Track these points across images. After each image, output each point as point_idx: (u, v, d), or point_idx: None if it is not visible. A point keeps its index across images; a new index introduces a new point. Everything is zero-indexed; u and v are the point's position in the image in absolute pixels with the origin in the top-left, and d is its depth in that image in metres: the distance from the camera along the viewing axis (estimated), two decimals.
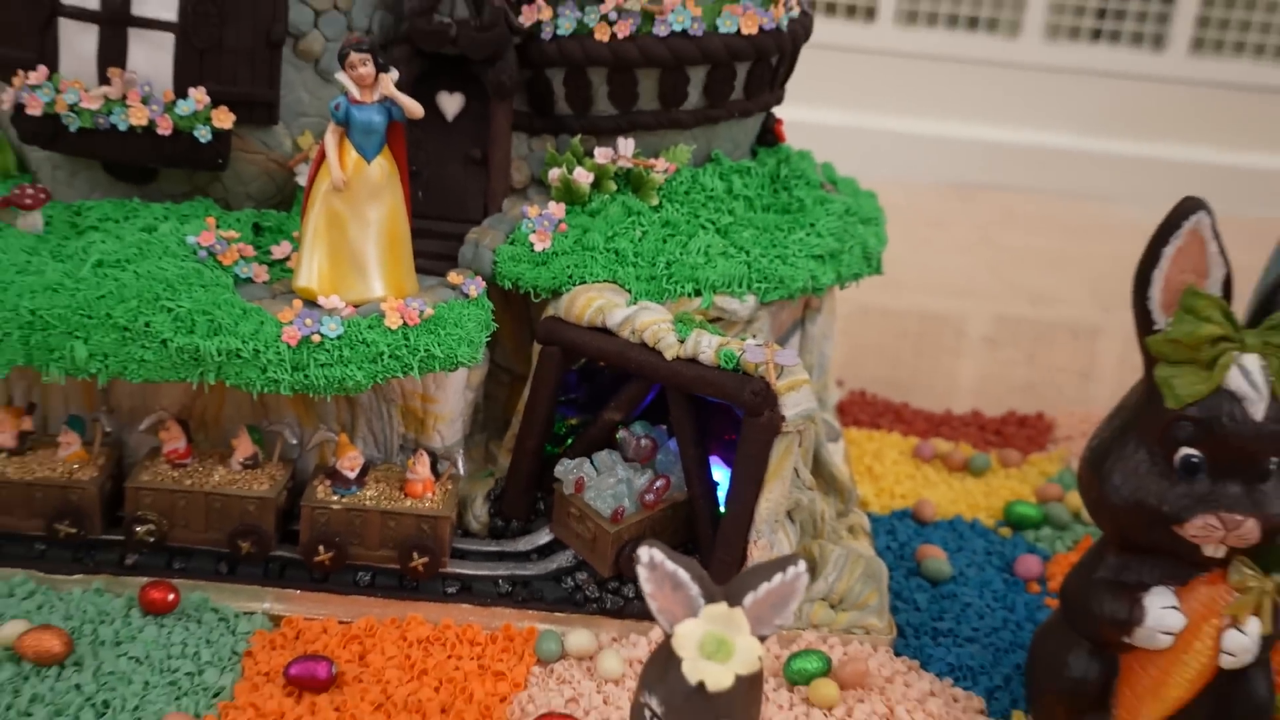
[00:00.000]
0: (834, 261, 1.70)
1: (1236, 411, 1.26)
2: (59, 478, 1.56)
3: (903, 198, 3.16)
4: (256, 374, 1.47)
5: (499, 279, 1.64)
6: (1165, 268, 1.29)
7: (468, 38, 1.61)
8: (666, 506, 1.61)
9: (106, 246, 1.57)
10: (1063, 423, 2.12)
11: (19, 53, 1.63)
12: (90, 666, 1.43)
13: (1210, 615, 1.32)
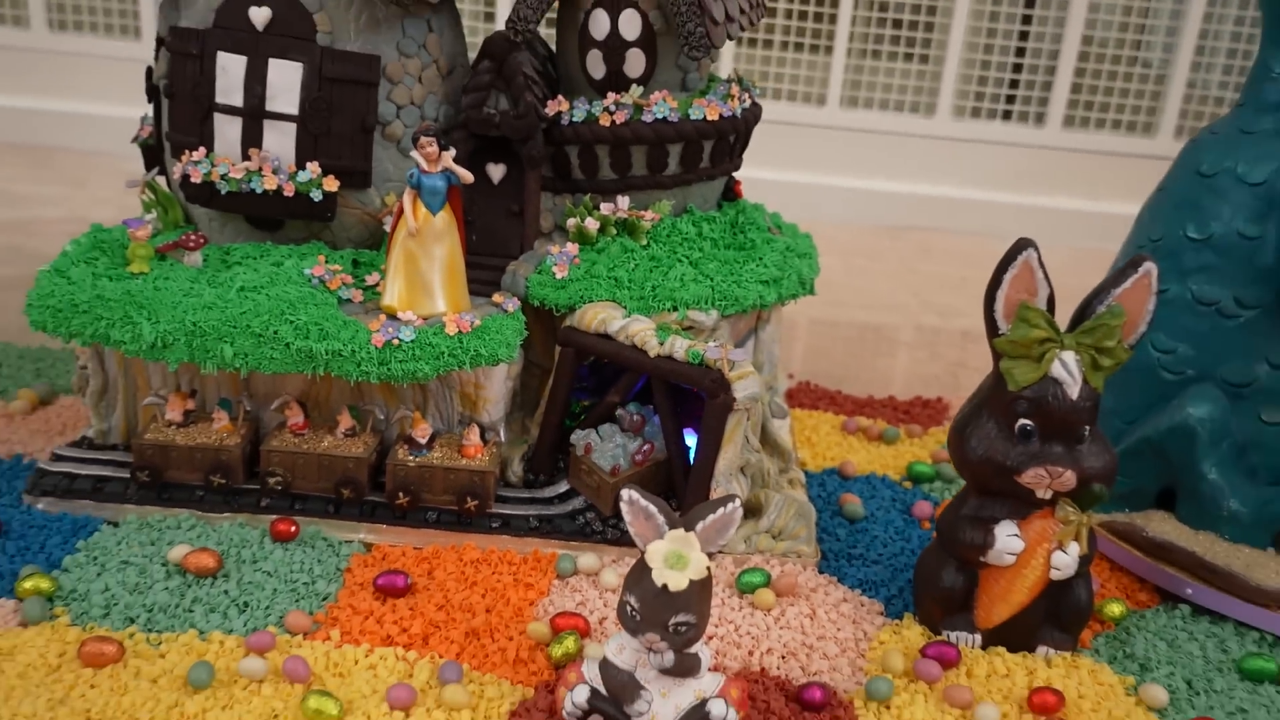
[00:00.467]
0: (776, 285, 1.72)
1: (1058, 392, 1.34)
2: (213, 443, 1.59)
3: (845, 236, 3.22)
4: (353, 368, 1.50)
5: (530, 299, 1.66)
6: (1005, 288, 1.36)
7: (508, 124, 1.63)
8: (652, 464, 1.63)
9: (247, 276, 1.59)
10: (955, 405, 2.16)
11: (186, 138, 1.66)
12: (235, 578, 1.47)
13: (1042, 541, 1.38)
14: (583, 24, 1.70)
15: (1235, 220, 1.60)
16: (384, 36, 1.62)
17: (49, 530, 1.54)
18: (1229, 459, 1.61)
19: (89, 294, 1.53)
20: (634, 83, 1.70)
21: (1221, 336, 1.62)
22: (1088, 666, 1.43)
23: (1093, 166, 3.28)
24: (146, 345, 1.51)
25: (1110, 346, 1.35)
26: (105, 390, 1.67)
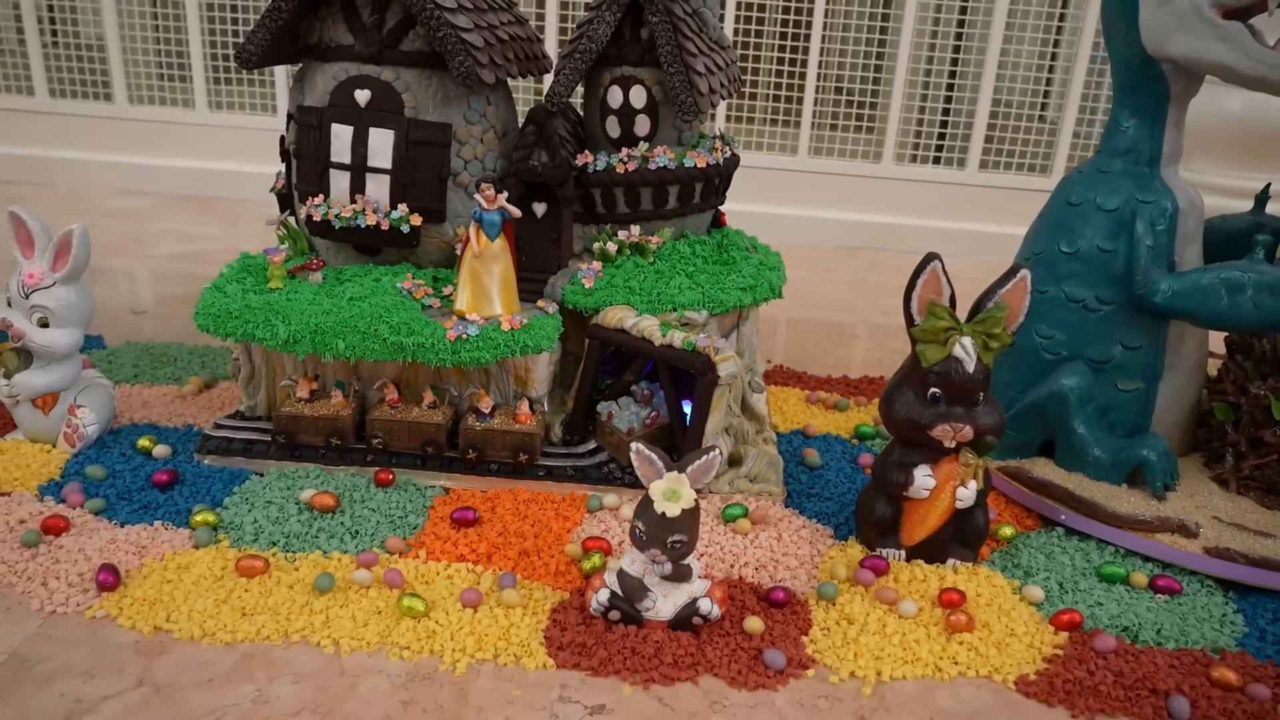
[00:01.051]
0: (752, 291, 1.72)
1: (959, 368, 1.36)
2: (331, 414, 1.59)
3: (811, 254, 3.21)
4: (433, 356, 1.51)
5: (565, 303, 1.66)
6: (918, 290, 1.38)
7: (547, 172, 1.64)
8: (658, 427, 1.63)
9: (355, 290, 1.59)
10: None
11: (310, 188, 1.66)
12: (348, 512, 1.48)
13: (949, 479, 1.40)
14: (602, 97, 1.70)
15: (1095, 238, 1.61)
16: (454, 109, 1.63)
17: (213, 479, 1.56)
18: (1093, 418, 1.61)
19: (240, 304, 1.55)
20: (641, 140, 1.70)
21: (1087, 326, 1.62)
22: (985, 574, 1.43)
23: (1001, 199, 3.27)
24: (282, 341, 1.52)
25: (997, 333, 1.37)
26: (252, 376, 1.69)
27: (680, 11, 1.63)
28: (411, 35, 1.60)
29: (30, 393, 1.60)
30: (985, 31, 3.20)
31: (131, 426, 1.73)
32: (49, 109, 3.44)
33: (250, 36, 1.60)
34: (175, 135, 3.44)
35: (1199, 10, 1.50)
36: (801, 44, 3.23)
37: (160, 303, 2.43)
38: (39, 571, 1.32)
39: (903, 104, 3.25)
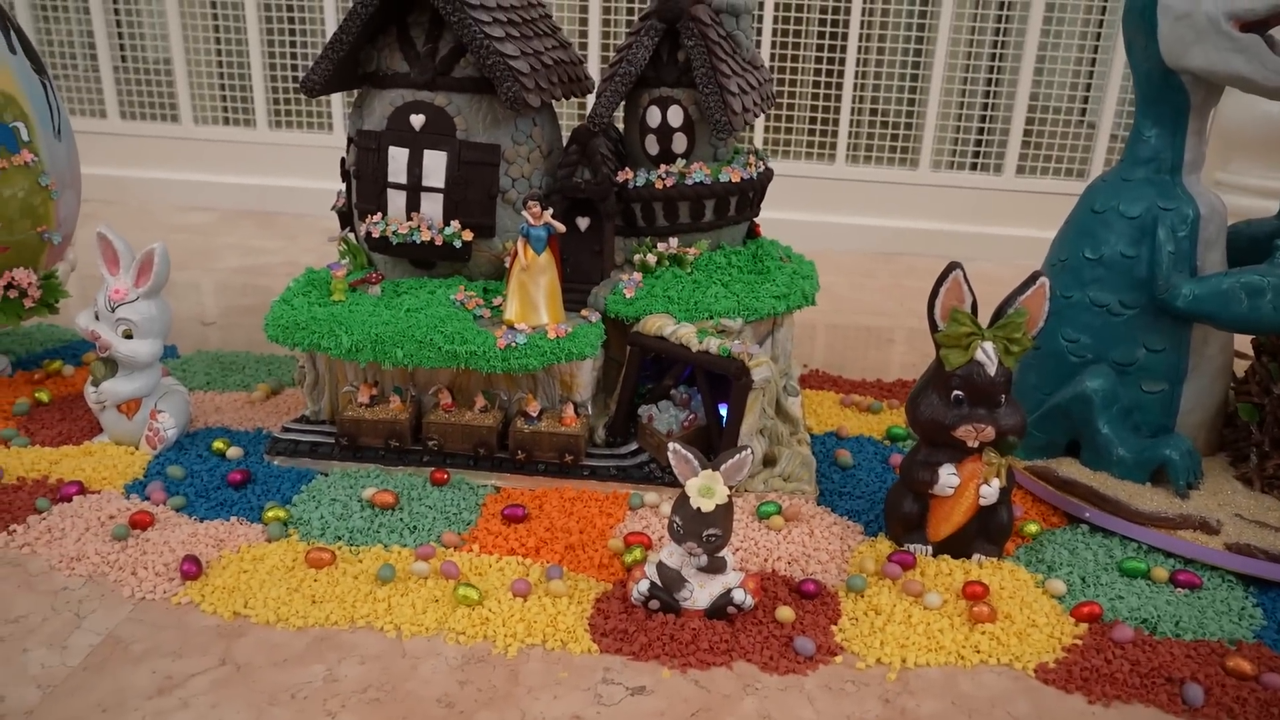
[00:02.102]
0: (786, 299, 1.77)
1: (980, 371, 1.41)
2: (390, 418, 1.67)
3: (849, 260, 3.27)
4: (484, 364, 1.59)
5: (608, 312, 1.73)
6: (941, 298, 1.43)
7: (590, 189, 1.71)
8: (695, 429, 1.68)
9: (411, 301, 1.67)
10: None
11: (369, 206, 1.74)
12: (406, 509, 1.56)
13: (973, 478, 1.44)
14: (641, 116, 1.78)
15: (1119, 245, 1.65)
16: (503, 130, 1.71)
17: (283, 479, 1.66)
18: (1117, 419, 1.65)
19: (306, 316, 1.65)
20: (679, 157, 1.77)
21: (1112, 329, 1.66)
22: (1009, 568, 1.48)
23: (1039, 203, 3.28)
24: (344, 350, 1.61)
25: (1018, 337, 1.42)
26: (316, 382, 1.78)
27: (714, 35, 1.71)
28: (462, 63, 1.70)
29: (116, 399, 1.73)
30: (1021, 40, 3.23)
31: (206, 430, 1.85)
32: (120, 130, 3.61)
33: (314, 67, 1.71)
34: (237, 153, 3.60)
35: (1216, 24, 1.54)
36: (839, 53, 3.28)
37: (226, 314, 2.56)
38: (129, 562, 1.44)
39: (939, 110, 3.29)
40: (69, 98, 3.63)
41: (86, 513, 1.55)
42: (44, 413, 1.91)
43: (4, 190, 1.79)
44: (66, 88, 3.63)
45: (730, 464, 1.31)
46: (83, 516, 1.54)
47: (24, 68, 1.84)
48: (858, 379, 2.25)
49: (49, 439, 1.80)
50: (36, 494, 1.61)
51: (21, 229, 1.84)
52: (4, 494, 1.61)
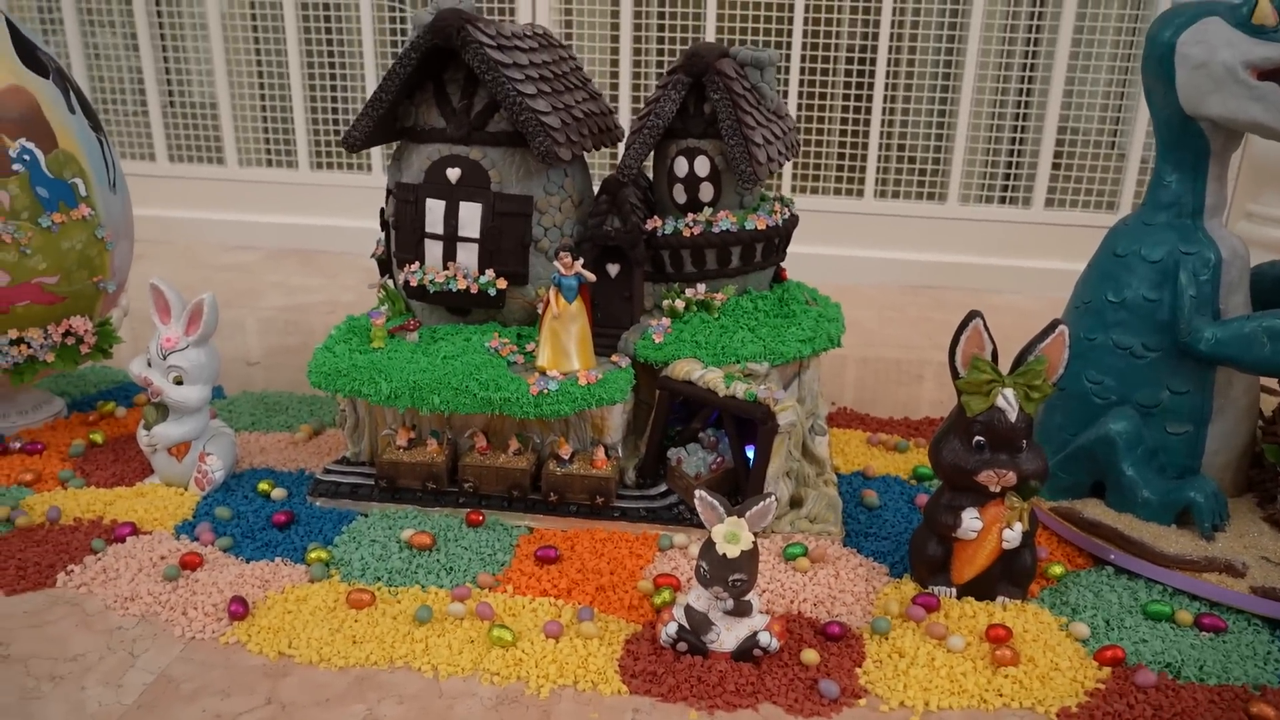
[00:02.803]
0: (811, 342, 1.80)
1: (1001, 418, 1.43)
2: (427, 460, 1.71)
3: (877, 294, 3.29)
4: (518, 409, 1.63)
5: (637, 357, 1.77)
6: (961, 345, 1.46)
7: (620, 237, 1.76)
8: (723, 471, 1.71)
9: (448, 349, 1.72)
10: None
11: (407, 255, 1.81)
12: (443, 550, 1.60)
13: (996, 522, 1.46)
14: (669, 166, 1.83)
15: (1141, 288, 1.67)
16: (535, 181, 1.77)
17: (324, 519, 1.71)
18: (1142, 460, 1.66)
19: (347, 363, 1.71)
20: (706, 205, 1.82)
21: (1135, 372, 1.67)
22: (1032, 610, 1.49)
23: (1068, 236, 3.29)
24: (384, 396, 1.67)
25: (1038, 384, 1.44)
26: (357, 425, 1.83)
27: (739, 88, 1.76)
28: (496, 117, 1.76)
29: (167, 443, 1.80)
30: (1049, 70, 3.25)
31: (252, 471, 1.92)
32: (168, 173, 3.74)
33: (355, 124, 1.78)
34: (280, 194, 3.71)
35: (1233, 73, 1.57)
36: (866, 90, 3.32)
37: (270, 354, 2.64)
38: (179, 602, 1.50)
39: (967, 145, 3.32)
40: (121, 141, 3.77)
41: (139, 553, 1.62)
42: (98, 454, 1.99)
43: (63, 243, 1.88)
44: (118, 131, 3.77)
45: (754, 511, 1.34)
46: (136, 557, 1.61)
47: (83, 126, 1.93)
48: (886, 417, 2.27)
49: (103, 480, 1.88)
50: (92, 534, 1.68)
51: (79, 279, 1.93)
52: (62, 534, 1.68)
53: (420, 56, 1.72)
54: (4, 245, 1.82)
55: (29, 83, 1.86)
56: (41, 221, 1.85)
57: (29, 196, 1.83)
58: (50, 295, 1.91)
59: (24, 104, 1.84)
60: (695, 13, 3.33)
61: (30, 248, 1.85)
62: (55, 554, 1.62)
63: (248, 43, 3.64)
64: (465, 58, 1.70)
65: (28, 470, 1.90)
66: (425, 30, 1.70)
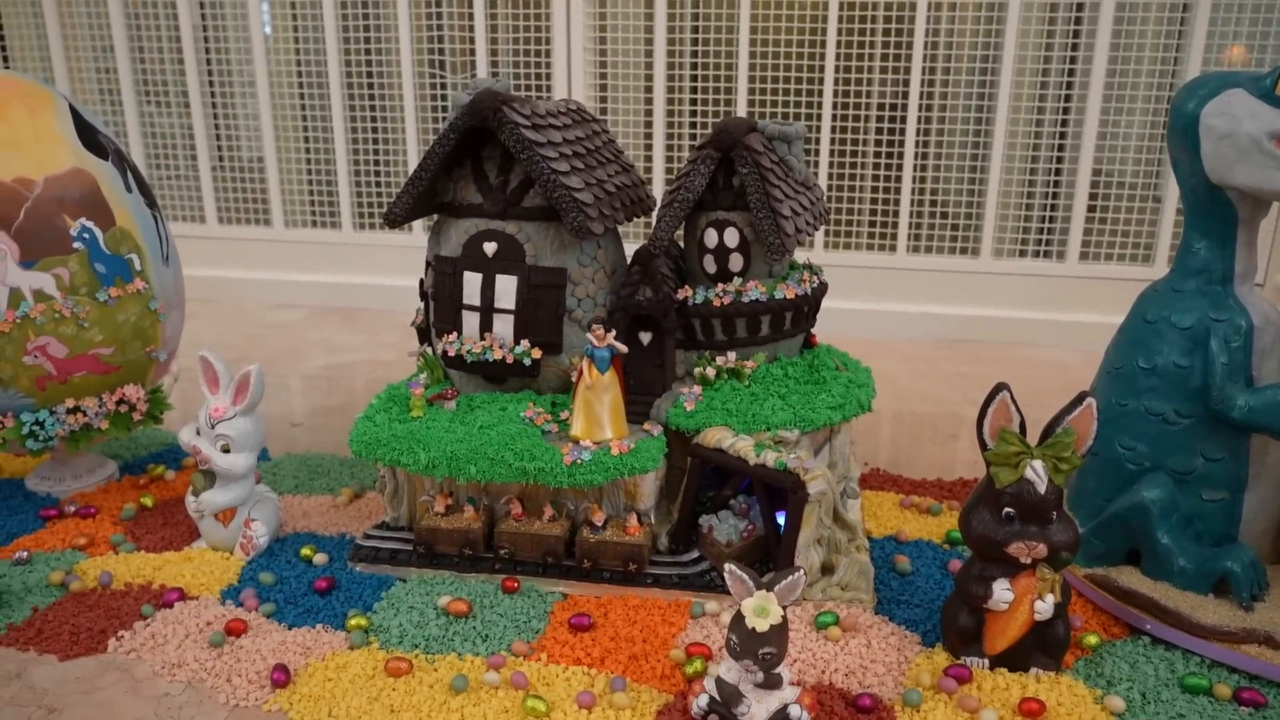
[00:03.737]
0: (842, 409, 1.81)
1: (1030, 490, 1.44)
2: (464, 526, 1.75)
3: (911, 348, 3.30)
4: (552, 479, 1.66)
5: (669, 424, 1.79)
6: (989, 418, 1.47)
7: (652, 306, 1.80)
8: (754, 539, 1.73)
9: (484, 418, 1.76)
10: None
11: (445, 326, 1.85)
12: (479, 617, 1.62)
13: (1028, 593, 1.46)
14: (699, 237, 1.87)
15: (1172, 355, 1.67)
16: (569, 254, 1.81)
17: (365, 585, 1.75)
18: (1178, 528, 1.65)
19: (387, 433, 1.75)
20: (735, 275, 1.85)
21: (1168, 438, 1.67)
22: (1066, 682, 1.48)
23: (1103, 289, 3.28)
24: (422, 466, 1.71)
25: (1067, 456, 1.45)
26: (396, 491, 1.87)
27: (767, 162, 1.80)
28: (531, 193, 1.82)
29: (214, 509, 1.86)
30: (1081, 118, 3.27)
31: (295, 535, 1.97)
32: (217, 234, 3.87)
33: (396, 200, 1.85)
34: (324, 253, 3.81)
35: (1258, 143, 1.58)
36: (898, 146, 3.36)
37: (313, 414, 2.71)
38: (224, 669, 1.55)
39: (999, 199, 3.34)
40: (174, 202, 3.91)
41: (186, 619, 1.67)
42: (148, 517, 2.05)
43: (118, 316, 1.96)
44: (171, 195, 3.91)
45: (784, 585, 1.36)
46: (183, 623, 1.66)
47: (139, 204, 2.02)
48: (919, 478, 2.26)
49: (153, 544, 1.94)
50: (142, 600, 1.73)
51: (132, 350, 2.01)
52: (113, 599, 1.74)
53: (459, 137, 1.79)
54: (64, 319, 1.91)
55: (90, 165, 1.96)
56: (99, 296, 1.93)
57: (88, 272, 1.92)
58: (105, 366, 1.99)
59: (85, 185, 1.94)
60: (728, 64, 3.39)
61: (88, 321, 1.93)
62: (106, 619, 1.68)
63: (294, 109, 3.77)
64: (501, 137, 1.76)
65: (81, 535, 1.96)
66: (464, 112, 1.77)
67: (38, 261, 1.88)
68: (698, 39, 3.41)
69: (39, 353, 1.91)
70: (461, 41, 3.60)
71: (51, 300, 1.89)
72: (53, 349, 1.91)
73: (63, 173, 1.92)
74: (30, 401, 1.95)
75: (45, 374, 1.92)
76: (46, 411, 1.96)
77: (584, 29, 3.40)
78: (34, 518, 2.05)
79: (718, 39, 3.39)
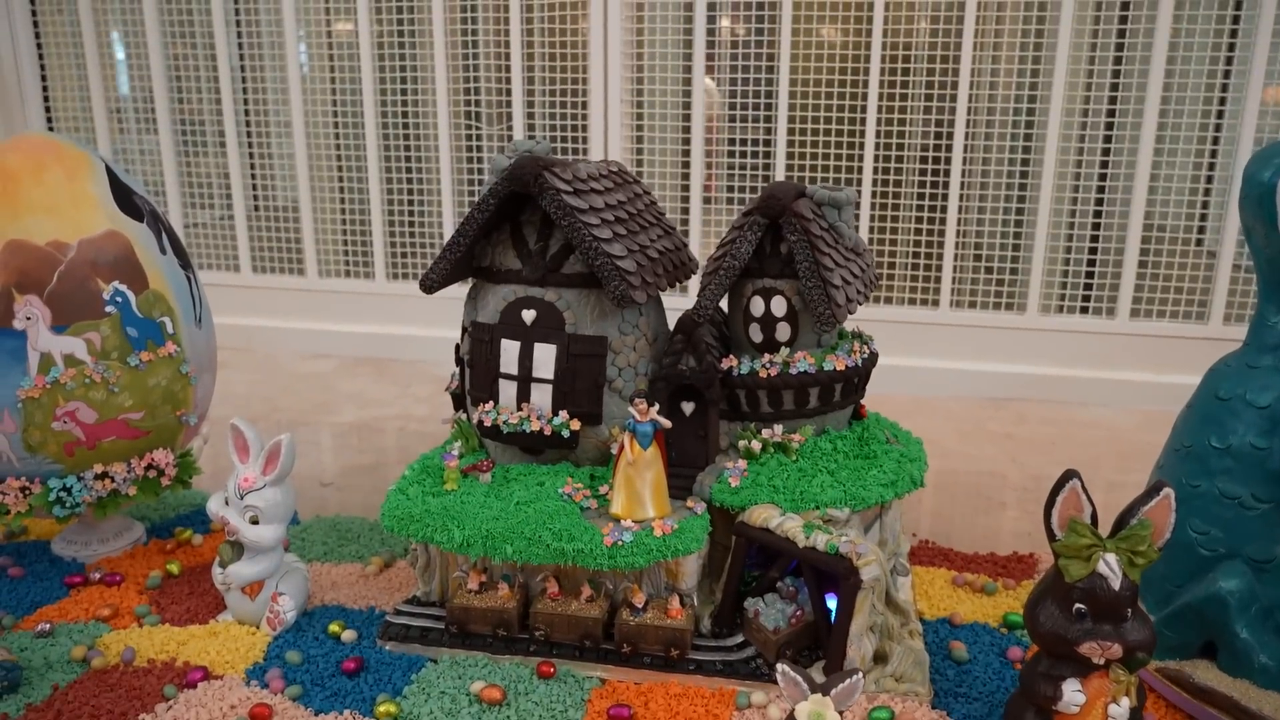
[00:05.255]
0: (894, 486, 1.75)
1: (1104, 585, 1.35)
2: (498, 605, 1.69)
3: (956, 407, 3.21)
4: (592, 561, 1.60)
5: (714, 501, 1.73)
6: (1058, 507, 1.39)
7: (695, 376, 1.74)
8: (803, 624, 1.66)
9: (521, 493, 1.71)
10: (1044, 560, 2.09)
11: (481, 394, 1.80)
12: (514, 705, 1.56)
13: (1100, 695, 1.37)
14: (745, 306, 1.81)
15: (1248, 435, 1.58)
16: (610, 322, 1.76)
17: (394, 665, 1.69)
18: (1257, 621, 1.56)
19: (420, 509, 1.70)
20: (783, 345, 1.79)
21: (1245, 524, 1.58)
22: None
23: (1155, 347, 3.18)
24: (456, 544, 1.65)
25: (1143, 550, 1.37)
26: (428, 565, 1.82)
27: (817, 229, 1.74)
28: (571, 259, 1.77)
29: (241, 582, 1.81)
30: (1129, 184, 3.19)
31: (323, 608, 1.91)
32: (251, 284, 3.87)
33: (433, 266, 1.81)
34: (357, 304, 3.80)
35: None
36: (940, 195, 3.30)
37: (344, 473, 2.67)
38: None
39: (1046, 254, 3.26)
40: (209, 251, 3.92)
41: (210, 701, 1.61)
42: (174, 586, 2.00)
43: (149, 380, 1.92)
44: (207, 242, 3.92)
45: (841, 690, 1.28)
46: (206, 706, 1.59)
47: (172, 265, 2.00)
48: (969, 551, 2.18)
49: (178, 615, 1.89)
50: (165, 678, 1.68)
51: (163, 414, 1.97)
52: (136, 678, 1.68)
53: (499, 202, 1.74)
54: (94, 384, 1.87)
55: (124, 227, 1.93)
56: (130, 360, 1.90)
57: (119, 337, 1.89)
58: (135, 430, 1.95)
59: (119, 247, 1.91)
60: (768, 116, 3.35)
61: (118, 386, 1.89)
62: (128, 700, 1.62)
63: (330, 160, 3.78)
64: (542, 203, 1.71)
65: (106, 605, 1.91)
66: (504, 178, 1.73)
67: (69, 326, 1.85)
68: (735, 90, 3.38)
69: (68, 418, 1.87)
70: (498, 94, 3.59)
71: (82, 365, 1.86)
72: (82, 414, 1.88)
73: (97, 235, 1.89)
74: (58, 467, 1.91)
75: (74, 439, 1.89)
76: (74, 477, 1.92)
77: (621, 81, 3.37)
78: (59, 585, 2.01)
79: (756, 90, 3.35)
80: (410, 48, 3.59)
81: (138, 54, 3.78)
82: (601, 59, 3.39)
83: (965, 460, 2.78)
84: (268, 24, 3.69)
